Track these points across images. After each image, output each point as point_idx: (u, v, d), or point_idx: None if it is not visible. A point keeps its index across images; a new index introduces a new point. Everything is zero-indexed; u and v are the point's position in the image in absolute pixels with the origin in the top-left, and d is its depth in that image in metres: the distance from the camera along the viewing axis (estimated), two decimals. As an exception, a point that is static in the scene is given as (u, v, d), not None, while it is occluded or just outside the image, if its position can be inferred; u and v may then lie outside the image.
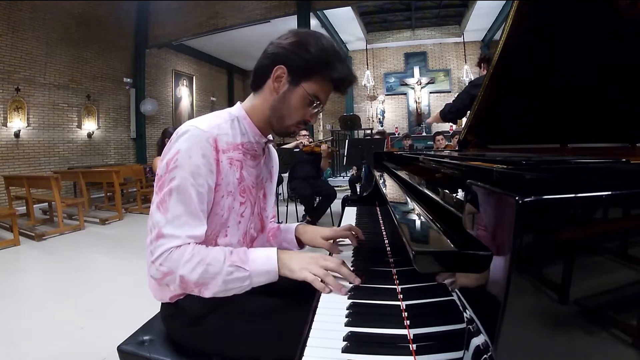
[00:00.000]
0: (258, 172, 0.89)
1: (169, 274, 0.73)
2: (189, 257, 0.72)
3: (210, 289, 0.74)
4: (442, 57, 10.37)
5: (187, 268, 0.72)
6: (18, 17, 5.86)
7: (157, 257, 0.72)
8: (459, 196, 0.54)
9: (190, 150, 0.74)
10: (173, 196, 0.73)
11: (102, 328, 1.98)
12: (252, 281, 0.75)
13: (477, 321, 0.39)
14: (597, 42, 0.80)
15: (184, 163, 0.74)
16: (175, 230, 0.73)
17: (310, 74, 0.79)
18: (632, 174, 0.48)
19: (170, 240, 0.72)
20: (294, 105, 0.81)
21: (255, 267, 0.75)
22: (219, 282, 0.73)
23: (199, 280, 0.73)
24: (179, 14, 7.96)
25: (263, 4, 7.34)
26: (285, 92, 0.80)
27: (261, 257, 0.76)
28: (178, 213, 0.73)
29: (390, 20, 9.98)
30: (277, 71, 0.79)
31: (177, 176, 0.73)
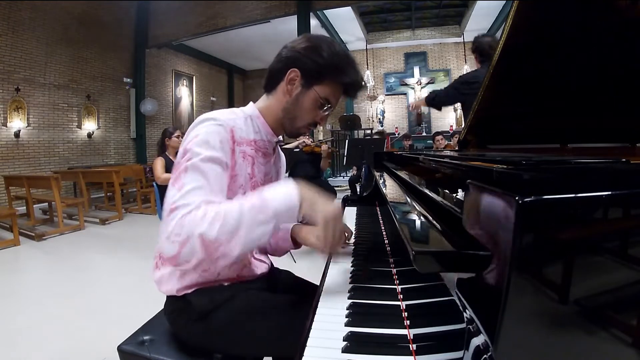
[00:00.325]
0: (267, 170, 0.91)
1: (186, 242, 0.64)
2: (202, 215, 0.65)
3: (237, 242, 0.65)
4: (442, 57, 10.38)
5: (203, 226, 0.64)
6: (18, 17, 5.86)
7: (171, 230, 0.65)
8: (459, 196, 0.54)
9: (208, 134, 0.74)
10: (188, 172, 0.70)
11: (102, 328, 1.98)
12: (277, 223, 0.69)
13: (477, 321, 0.39)
14: (597, 42, 0.80)
15: (200, 145, 0.73)
16: (188, 199, 0.67)
17: (322, 77, 0.81)
18: (632, 174, 0.48)
19: (183, 208, 0.66)
20: (306, 108, 0.83)
21: (275, 205, 0.68)
22: (244, 231, 0.66)
23: (219, 236, 0.64)
24: (179, 14, 7.96)
25: (263, 4, 7.34)
26: (298, 95, 0.82)
27: (279, 195, 0.70)
28: (192, 186, 0.69)
29: (390, 20, 9.98)
30: (291, 74, 0.82)
31: (192, 156, 0.72)
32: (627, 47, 0.78)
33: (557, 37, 0.84)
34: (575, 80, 0.89)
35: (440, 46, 10.33)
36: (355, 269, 0.82)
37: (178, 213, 0.66)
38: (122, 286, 2.59)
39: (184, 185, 0.69)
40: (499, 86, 0.98)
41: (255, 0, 7.35)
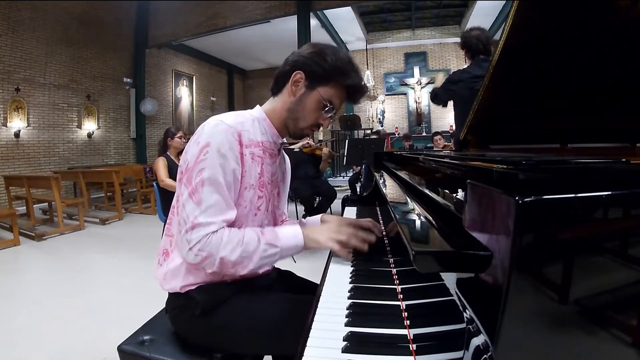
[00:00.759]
0: (274, 171, 0.95)
1: (208, 257, 0.77)
2: (227, 239, 0.78)
3: (247, 266, 0.79)
4: (442, 57, 10.38)
5: (227, 250, 0.77)
6: (18, 17, 5.86)
7: (196, 243, 0.76)
8: (459, 196, 0.54)
9: (219, 143, 0.79)
10: (205, 187, 0.77)
11: (102, 328, 1.98)
12: (282, 255, 0.83)
13: (477, 321, 0.39)
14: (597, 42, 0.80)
15: (213, 155, 0.78)
16: (210, 217, 0.77)
17: (326, 79, 0.86)
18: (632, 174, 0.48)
19: (207, 227, 0.77)
20: (309, 108, 0.87)
21: (284, 243, 0.83)
22: (256, 260, 0.79)
23: (237, 260, 0.78)
24: (179, 14, 7.96)
25: (263, 4, 7.34)
26: (302, 95, 0.87)
27: (289, 234, 0.84)
28: (212, 202, 0.77)
29: (390, 20, 9.98)
30: (296, 75, 0.86)
31: (206, 167, 0.78)
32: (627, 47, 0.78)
33: (557, 37, 0.84)
34: (575, 80, 0.89)
35: (440, 46, 10.33)
36: (356, 268, 0.82)
37: (202, 230, 0.76)
38: (122, 286, 2.59)
39: (202, 201, 0.77)
40: (499, 86, 0.98)
41: (255, 0, 7.35)
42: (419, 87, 10.38)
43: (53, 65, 6.45)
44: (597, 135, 1.04)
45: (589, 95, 0.90)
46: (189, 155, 0.81)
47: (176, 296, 0.87)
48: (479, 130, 1.21)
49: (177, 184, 0.84)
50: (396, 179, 1.20)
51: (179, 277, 0.85)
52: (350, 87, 0.88)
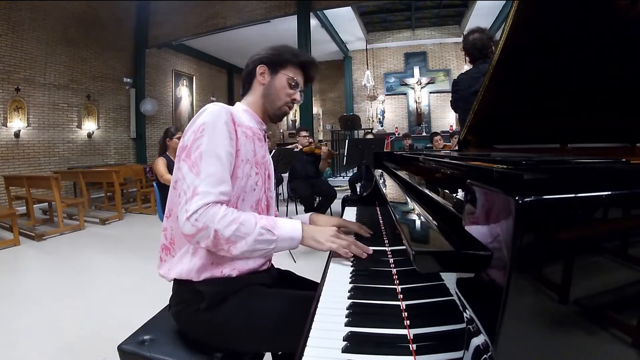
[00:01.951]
0: (264, 153, 1.01)
1: (203, 229, 0.78)
2: (223, 214, 0.80)
3: (239, 247, 0.81)
4: (442, 57, 10.37)
5: (221, 223, 0.79)
6: (18, 17, 5.86)
7: (193, 212, 0.78)
8: (459, 196, 0.54)
9: (214, 120, 0.85)
10: (204, 159, 0.82)
11: (102, 328, 1.98)
12: (277, 245, 0.84)
13: (477, 321, 0.39)
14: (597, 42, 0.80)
15: (209, 131, 0.84)
16: (208, 187, 0.80)
17: (283, 62, 1.00)
18: (632, 174, 0.48)
19: (205, 196, 0.79)
20: (280, 87, 1.00)
21: (282, 232, 0.84)
22: (250, 241, 0.81)
23: (231, 237, 0.79)
24: (179, 14, 7.96)
25: (263, 4, 7.34)
26: (270, 81, 1.00)
27: (287, 225, 0.86)
28: (211, 172, 0.81)
29: (390, 20, 9.98)
30: (260, 69, 1.00)
31: (204, 142, 0.83)
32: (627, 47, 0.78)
33: (557, 37, 0.84)
34: (575, 80, 0.89)
35: (440, 46, 10.32)
36: (356, 269, 0.82)
37: (200, 199, 0.79)
38: (122, 286, 2.59)
39: (201, 171, 0.81)
40: (499, 86, 0.98)
41: (255, 0, 7.35)
42: (419, 87, 10.37)
43: (53, 65, 6.45)
44: (597, 135, 1.04)
45: (589, 95, 0.90)
46: (187, 136, 0.86)
47: (182, 289, 0.88)
48: (479, 130, 1.21)
49: (176, 163, 0.87)
50: (396, 179, 1.20)
51: (184, 262, 0.87)
52: (303, 63, 1.02)
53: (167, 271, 0.90)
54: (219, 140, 0.84)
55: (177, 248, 0.89)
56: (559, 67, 0.89)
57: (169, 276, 0.89)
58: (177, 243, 0.89)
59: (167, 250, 0.91)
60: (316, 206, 4.17)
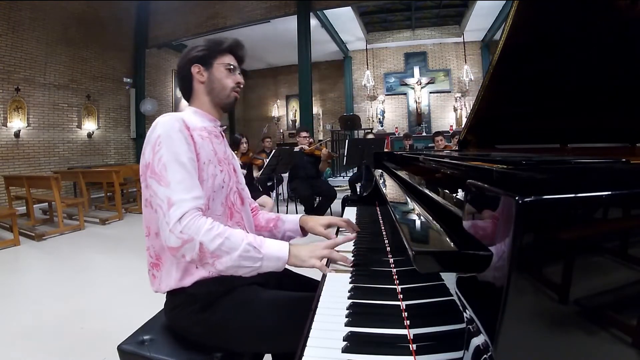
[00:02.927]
0: (224, 149, 1.02)
1: (189, 241, 0.77)
2: (210, 227, 0.79)
3: (224, 262, 0.79)
4: (442, 57, 10.37)
5: (207, 236, 0.78)
6: (18, 17, 5.86)
7: (175, 223, 0.77)
8: (459, 196, 0.54)
9: (168, 131, 0.85)
10: (168, 169, 0.82)
11: (102, 328, 1.98)
12: (263, 264, 0.82)
13: (477, 321, 0.39)
14: (597, 42, 0.80)
15: (166, 142, 0.84)
16: (181, 194, 0.80)
17: (213, 55, 1.00)
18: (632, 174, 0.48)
19: (181, 204, 0.79)
20: (220, 77, 0.99)
21: (268, 251, 0.82)
22: (234, 257, 0.79)
23: (216, 250, 0.78)
24: (179, 14, 7.96)
25: (263, 4, 7.34)
26: (209, 76, 1.00)
27: (275, 245, 0.84)
28: (178, 179, 0.81)
29: (390, 20, 9.98)
30: (195, 69, 0.99)
31: (164, 154, 0.83)
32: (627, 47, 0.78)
33: (557, 37, 0.84)
34: (575, 80, 0.89)
35: (440, 46, 10.32)
36: (356, 269, 0.82)
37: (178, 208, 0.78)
38: (122, 286, 2.59)
39: (170, 181, 0.81)
40: (499, 86, 0.98)
41: (255, 0, 7.35)
42: (419, 87, 10.37)
43: (53, 65, 6.45)
44: (597, 135, 1.04)
45: (589, 95, 0.90)
46: (146, 153, 0.85)
47: (174, 295, 0.88)
48: (479, 130, 1.21)
49: (142, 182, 0.87)
50: (396, 179, 1.20)
51: (173, 271, 0.87)
52: (230, 47, 1.01)
53: (159, 286, 0.89)
54: (178, 149, 0.83)
55: (164, 262, 0.89)
56: (559, 67, 0.89)
57: (162, 290, 0.90)
58: (163, 258, 0.89)
59: (156, 266, 0.90)
60: (316, 206, 4.17)
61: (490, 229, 0.39)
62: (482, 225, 0.41)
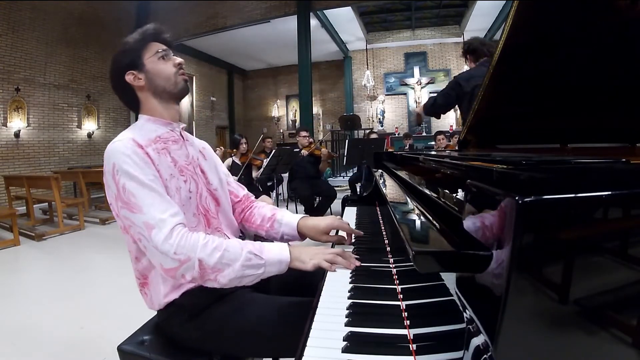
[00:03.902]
0: (186, 153, 0.95)
1: (186, 261, 0.75)
2: (204, 241, 0.77)
3: (227, 275, 0.77)
4: (442, 57, 10.37)
5: (205, 252, 0.76)
6: (18, 17, 5.86)
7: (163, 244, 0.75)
8: (459, 196, 0.54)
9: (120, 157, 0.80)
10: (136, 195, 0.78)
11: (102, 328, 1.98)
12: (266, 270, 0.80)
13: (477, 321, 0.39)
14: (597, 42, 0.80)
15: (123, 168, 0.79)
16: (157, 215, 0.77)
17: (137, 52, 0.92)
18: (632, 174, 0.48)
19: (161, 226, 0.76)
20: (158, 70, 0.92)
21: (270, 256, 0.80)
22: (237, 268, 0.77)
23: (216, 265, 0.76)
24: (179, 14, 7.96)
25: (263, 4, 7.35)
26: (145, 76, 0.92)
27: (275, 249, 0.82)
28: (149, 202, 0.78)
29: (390, 20, 9.98)
30: (129, 76, 0.91)
31: (126, 181, 0.79)
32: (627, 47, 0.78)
33: (557, 37, 0.84)
34: (575, 80, 0.89)
35: (440, 46, 10.33)
36: (356, 269, 0.82)
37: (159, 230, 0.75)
38: (122, 286, 2.59)
39: (142, 206, 0.77)
40: (499, 86, 0.98)
41: (255, 0, 7.35)
42: (419, 87, 10.38)
43: (53, 65, 6.45)
44: (597, 135, 1.04)
45: (589, 95, 0.90)
46: (110, 186, 0.81)
47: (166, 308, 0.87)
48: (479, 130, 1.21)
49: (115, 214, 0.83)
50: (396, 179, 1.20)
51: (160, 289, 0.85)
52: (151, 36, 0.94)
53: (152, 304, 0.89)
54: (137, 172, 0.79)
55: (151, 280, 0.87)
56: (559, 67, 0.89)
57: (155, 307, 0.89)
58: (149, 277, 0.87)
59: (145, 285, 0.89)
60: (316, 206, 4.17)
61: (490, 229, 0.39)
62: (482, 225, 0.41)
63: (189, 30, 8.10)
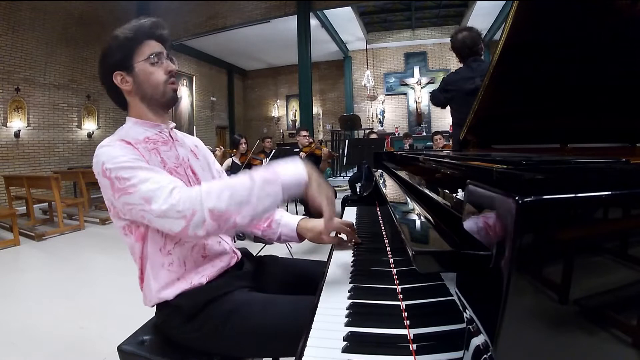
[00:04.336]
0: (176, 154, 0.92)
1: (193, 215, 0.69)
2: (207, 189, 0.72)
3: (246, 213, 0.71)
4: (442, 57, 10.38)
5: (211, 199, 0.70)
6: (18, 17, 5.86)
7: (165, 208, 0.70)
8: (459, 196, 0.54)
9: (110, 153, 0.78)
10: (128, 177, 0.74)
11: (102, 328, 1.98)
12: (284, 192, 0.74)
13: (477, 321, 0.39)
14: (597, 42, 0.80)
15: (112, 161, 0.76)
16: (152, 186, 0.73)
17: (130, 50, 0.86)
18: (632, 174, 0.48)
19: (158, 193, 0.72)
20: (148, 73, 0.87)
21: (286, 179, 0.74)
22: (254, 202, 0.71)
23: (229, 207, 0.70)
24: (179, 14, 7.96)
25: (263, 4, 7.35)
26: (134, 78, 0.87)
27: (289, 169, 0.76)
28: (142, 177, 0.74)
29: (390, 20, 9.99)
30: (117, 77, 0.87)
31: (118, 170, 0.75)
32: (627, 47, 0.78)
33: (557, 37, 0.84)
34: (575, 80, 0.89)
35: (440, 46, 10.33)
36: (356, 269, 0.82)
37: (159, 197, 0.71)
38: (122, 286, 2.59)
39: (137, 184, 0.73)
40: (499, 86, 0.98)
41: (255, 0, 7.36)
42: (419, 87, 10.38)
43: (53, 65, 6.45)
44: (597, 135, 1.04)
45: (589, 95, 0.90)
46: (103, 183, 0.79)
47: (160, 310, 0.87)
48: (479, 130, 1.21)
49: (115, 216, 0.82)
50: (396, 179, 1.20)
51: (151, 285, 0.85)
52: (147, 32, 0.88)
53: (146, 300, 0.88)
54: (126, 160, 0.76)
55: (145, 275, 0.86)
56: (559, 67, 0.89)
57: (148, 304, 0.88)
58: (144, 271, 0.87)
59: (142, 281, 0.89)
60: (316, 206, 4.16)
61: (490, 229, 0.39)
62: (482, 225, 0.41)
63: (189, 30, 8.11)
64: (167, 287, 0.84)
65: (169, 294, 0.84)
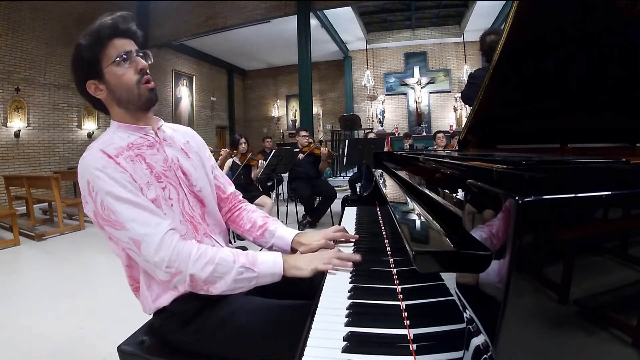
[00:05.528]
0: (164, 157, 0.89)
1: (177, 274, 0.77)
2: (197, 256, 0.78)
3: (218, 287, 0.79)
4: (442, 57, 10.38)
5: (196, 267, 0.77)
6: (18, 17, 5.87)
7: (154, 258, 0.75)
8: (459, 196, 0.54)
9: (93, 173, 0.76)
10: (115, 211, 0.76)
11: (102, 328, 1.98)
12: (258, 282, 0.82)
13: (477, 321, 0.39)
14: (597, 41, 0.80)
15: (98, 185, 0.76)
16: (142, 229, 0.76)
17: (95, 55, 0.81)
18: (632, 174, 0.48)
19: (148, 240, 0.75)
20: (118, 77, 0.82)
21: (263, 269, 0.81)
22: (229, 281, 0.79)
23: (208, 278, 0.78)
24: (179, 14, 7.96)
25: (263, 4, 7.35)
26: (107, 85, 0.83)
27: (268, 261, 0.82)
28: (131, 216, 0.76)
29: (390, 20, 9.99)
30: (91, 87, 0.84)
31: (103, 197, 0.76)
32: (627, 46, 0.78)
33: (557, 37, 0.84)
34: (575, 80, 0.89)
35: (440, 46, 10.33)
36: (356, 269, 0.82)
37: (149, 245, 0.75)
38: (122, 286, 2.56)
39: (125, 222, 0.75)
40: (498, 86, 0.98)
41: (255, 0, 7.36)
42: (419, 87, 10.38)
43: (53, 65, 6.45)
44: (597, 135, 1.04)
45: (589, 95, 0.90)
46: (88, 204, 0.79)
47: (156, 315, 0.87)
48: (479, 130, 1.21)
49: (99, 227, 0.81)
50: (396, 179, 1.20)
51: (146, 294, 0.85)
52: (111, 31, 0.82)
53: (145, 308, 0.88)
54: (112, 188, 0.75)
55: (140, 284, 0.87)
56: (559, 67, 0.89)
57: (148, 312, 0.88)
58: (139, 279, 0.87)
59: (137, 289, 0.89)
60: (316, 206, 4.17)
61: (490, 229, 0.39)
62: (482, 225, 0.41)
63: (189, 30, 8.10)
64: (161, 294, 0.84)
65: (164, 300, 0.84)
